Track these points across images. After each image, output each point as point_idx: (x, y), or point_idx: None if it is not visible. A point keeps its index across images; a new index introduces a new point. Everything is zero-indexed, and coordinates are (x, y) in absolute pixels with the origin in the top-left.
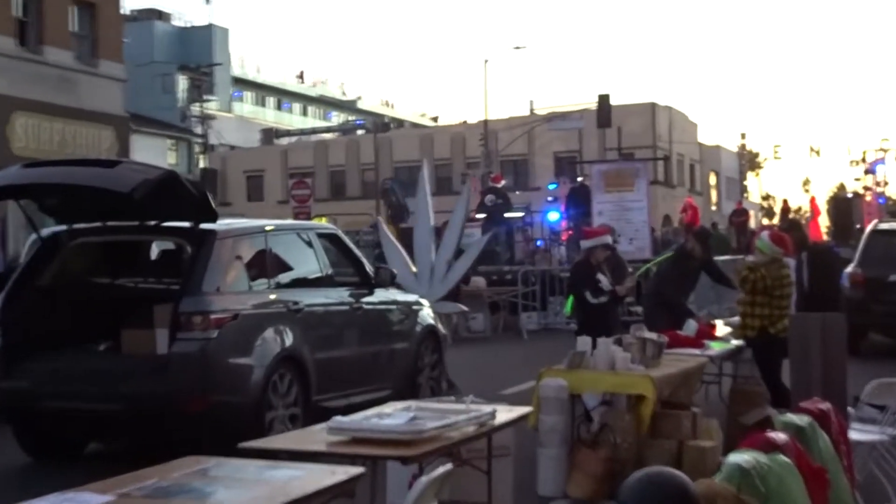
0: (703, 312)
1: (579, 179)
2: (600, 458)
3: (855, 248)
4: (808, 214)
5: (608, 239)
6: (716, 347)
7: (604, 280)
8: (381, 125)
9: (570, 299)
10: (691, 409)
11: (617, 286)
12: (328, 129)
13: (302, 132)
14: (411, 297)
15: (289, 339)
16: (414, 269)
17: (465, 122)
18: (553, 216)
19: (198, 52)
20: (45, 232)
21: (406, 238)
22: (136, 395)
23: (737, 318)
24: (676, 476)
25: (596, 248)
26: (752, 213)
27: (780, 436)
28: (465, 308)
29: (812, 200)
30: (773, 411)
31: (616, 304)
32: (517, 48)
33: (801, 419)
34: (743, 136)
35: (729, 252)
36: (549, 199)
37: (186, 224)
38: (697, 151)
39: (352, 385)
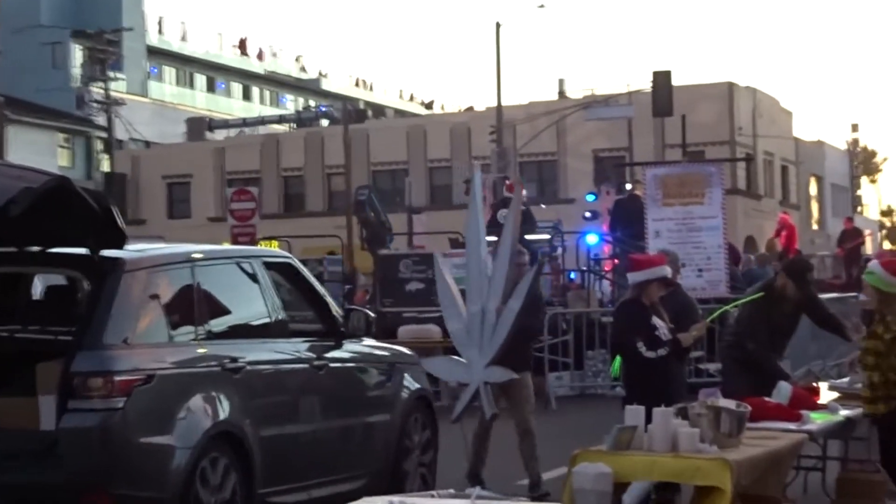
0: (800, 371)
1: (628, 188)
2: None
3: None
4: None
5: (667, 271)
6: (818, 420)
7: (662, 327)
8: (353, 113)
9: (617, 356)
10: None
11: (680, 335)
12: (281, 119)
13: (244, 123)
14: (394, 352)
15: (224, 411)
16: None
17: (470, 110)
18: (592, 239)
19: (100, 13)
20: None
21: (391, 269)
22: (12, 488)
23: (847, 380)
24: None
25: (650, 284)
26: (867, 233)
27: None
28: (515, 375)
29: None
30: None
31: (680, 361)
32: (540, 6)
33: None
34: (855, 128)
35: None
36: (587, 214)
37: (83, 251)
38: (793, 149)
39: (312, 473)
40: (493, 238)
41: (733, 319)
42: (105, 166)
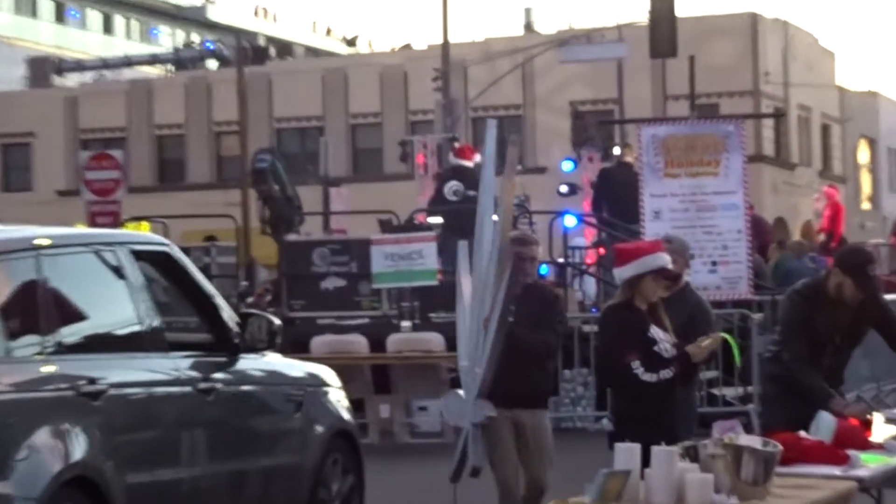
0: (849, 398)
1: (616, 153)
2: None
3: None
4: None
5: (665, 259)
6: (869, 463)
7: (664, 339)
8: (250, 52)
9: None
10: None
11: (689, 348)
12: (153, 60)
13: (106, 65)
14: (308, 371)
15: (79, 449)
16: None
17: (407, 49)
18: (569, 221)
19: None
20: None
21: (301, 261)
22: None
23: None
24: None
25: (643, 280)
26: None
27: None
28: (492, 412)
29: None
30: None
31: (688, 385)
32: None
33: None
34: None
35: None
36: (563, 189)
37: None
38: (836, 103)
39: None
40: (437, 219)
41: (778, 328)
42: None
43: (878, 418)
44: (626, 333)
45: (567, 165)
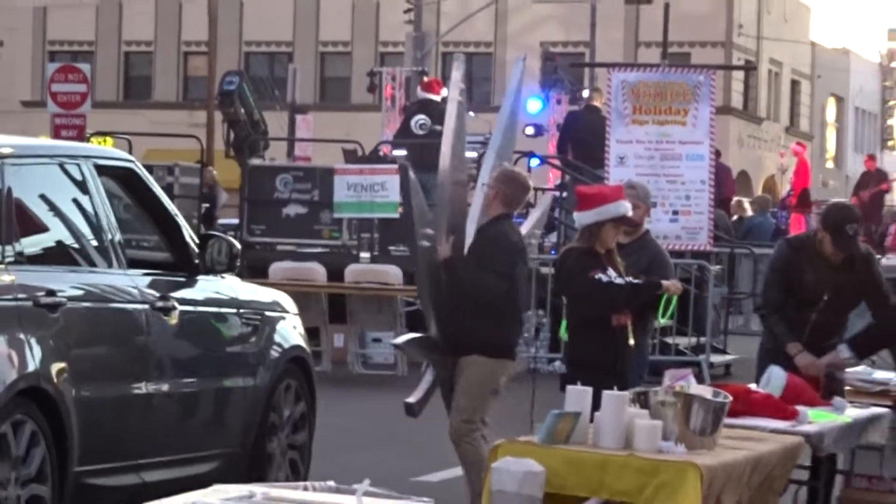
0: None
1: (585, 96)
2: None
3: None
4: None
5: (626, 207)
6: (817, 420)
7: (616, 279)
8: None
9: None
10: None
11: (664, 282)
12: None
13: None
14: (265, 296)
15: (35, 360)
16: None
17: None
18: (533, 162)
19: None
20: None
21: (263, 186)
22: None
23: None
24: None
25: (603, 227)
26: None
27: None
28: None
29: None
30: None
31: (643, 329)
32: None
33: None
34: (893, 35)
35: None
36: (530, 129)
37: None
38: (808, 59)
39: (148, 450)
40: (402, 152)
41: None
42: None
43: (853, 375)
44: (581, 276)
45: (534, 106)
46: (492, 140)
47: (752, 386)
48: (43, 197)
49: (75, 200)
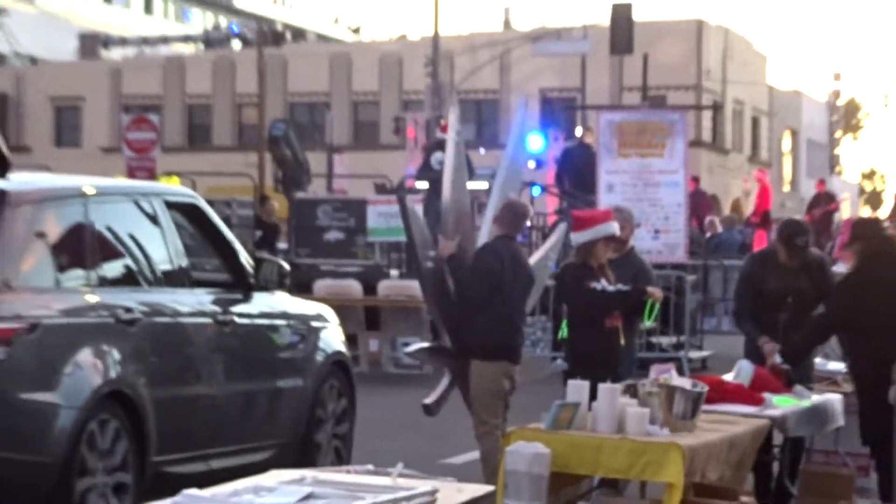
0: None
1: (579, 134)
2: None
3: None
4: None
5: (614, 227)
6: (781, 405)
7: (609, 290)
8: (269, 36)
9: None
10: (740, 499)
11: (649, 288)
12: (186, 39)
13: (145, 42)
14: (311, 309)
15: (117, 367)
16: None
17: (402, 38)
18: (535, 191)
19: None
20: None
21: (307, 216)
22: None
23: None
24: None
25: (596, 245)
26: (843, 198)
27: None
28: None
29: None
30: None
31: (631, 330)
32: None
33: None
34: (837, 77)
35: None
36: (532, 163)
37: None
38: (766, 99)
39: (213, 442)
40: (424, 184)
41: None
42: None
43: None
44: (582, 282)
45: (536, 143)
46: (497, 175)
47: (726, 377)
48: (120, 228)
49: (148, 231)
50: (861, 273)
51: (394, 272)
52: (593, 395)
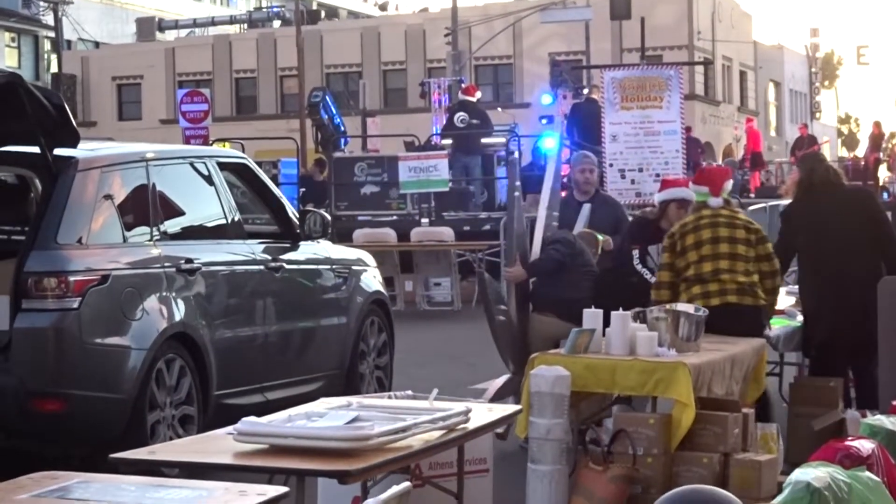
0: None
1: (585, 92)
2: (613, 477)
3: None
4: None
5: (685, 193)
6: (775, 325)
7: (654, 256)
8: (306, 14)
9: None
10: (742, 410)
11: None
12: (232, 20)
13: (195, 24)
14: (351, 254)
15: (180, 312)
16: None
17: (425, 11)
18: (548, 143)
19: None
20: None
21: (345, 173)
22: None
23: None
24: (721, 497)
25: (668, 205)
26: (824, 140)
27: (864, 445)
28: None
29: None
30: (852, 413)
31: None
32: None
33: (893, 422)
34: (815, 32)
35: None
36: (544, 119)
37: (34, 149)
38: (751, 54)
39: (269, 376)
40: (448, 141)
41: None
42: (53, 67)
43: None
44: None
45: (546, 100)
46: (541, 198)
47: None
48: (179, 188)
49: (203, 190)
50: (801, 202)
51: (424, 220)
52: (607, 323)
